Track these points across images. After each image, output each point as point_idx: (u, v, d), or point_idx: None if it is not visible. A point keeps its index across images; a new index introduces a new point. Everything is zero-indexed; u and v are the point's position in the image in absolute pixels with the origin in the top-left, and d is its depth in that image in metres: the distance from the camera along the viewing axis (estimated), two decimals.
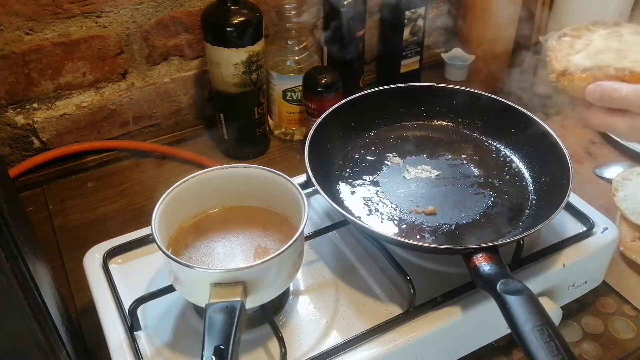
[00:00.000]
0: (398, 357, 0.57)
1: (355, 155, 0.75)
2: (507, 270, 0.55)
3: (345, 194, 0.69)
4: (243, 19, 0.82)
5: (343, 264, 0.65)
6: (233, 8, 0.82)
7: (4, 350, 0.41)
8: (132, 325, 0.57)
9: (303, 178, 0.72)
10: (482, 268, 0.55)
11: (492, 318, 0.57)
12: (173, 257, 0.51)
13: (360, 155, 0.75)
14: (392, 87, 0.77)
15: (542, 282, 0.63)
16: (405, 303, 0.59)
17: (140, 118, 0.98)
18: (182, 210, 0.60)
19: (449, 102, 0.78)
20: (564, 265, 0.64)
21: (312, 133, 0.69)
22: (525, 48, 1.17)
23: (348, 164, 0.73)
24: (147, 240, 0.66)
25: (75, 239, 0.80)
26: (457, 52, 1.12)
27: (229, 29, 0.81)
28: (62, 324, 0.52)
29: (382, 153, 0.75)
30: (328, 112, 0.72)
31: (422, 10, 1.03)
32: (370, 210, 0.67)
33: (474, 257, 0.56)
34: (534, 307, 0.50)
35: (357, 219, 0.63)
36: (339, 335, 0.57)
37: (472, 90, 0.77)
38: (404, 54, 1.06)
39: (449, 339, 0.60)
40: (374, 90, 0.77)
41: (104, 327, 0.58)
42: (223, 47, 0.83)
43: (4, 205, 0.43)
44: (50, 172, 0.92)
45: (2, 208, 0.41)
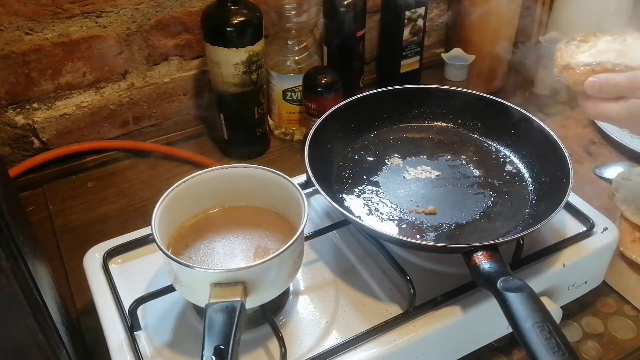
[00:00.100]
0: (398, 357, 0.57)
1: (355, 156, 0.75)
2: (507, 268, 0.55)
3: (345, 194, 0.69)
4: (243, 19, 0.82)
5: (343, 264, 0.65)
6: (233, 8, 0.82)
7: (4, 350, 0.41)
8: (132, 325, 0.57)
9: (303, 178, 0.72)
10: (482, 266, 0.55)
11: (492, 318, 0.58)
12: (173, 257, 0.51)
13: (360, 156, 0.75)
14: (392, 88, 0.77)
15: (542, 282, 0.63)
16: (405, 303, 0.59)
17: (140, 118, 0.98)
18: (182, 210, 0.60)
19: (449, 103, 0.78)
20: (564, 265, 0.64)
21: (312, 133, 0.69)
22: (526, 48, 1.17)
23: (348, 165, 0.73)
24: (147, 240, 0.66)
25: (75, 239, 0.80)
26: (457, 52, 1.12)
27: (229, 29, 0.81)
28: (62, 324, 0.52)
29: (382, 154, 0.75)
30: (328, 112, 0.72)
31: (422, 10, 1.03)
32: (370, 210, 0.67)
33: (474, 255, 0.56)
34: (535, 304, 0.50)
35: (357, 219, 0.63)
36: (339, 335, 0.57)
37: (471, 92, 0.77)
38: (404, 54, 1.06)
39: (449, 339, 0.60)
40: (374, 92, 0.77)
41: (104, 327, 0.58)
42: (223, 47, 0.83)
43: (4, 205, 0.43)
44: (50, 172, 0.92)
45: (2, 208, 0.41)
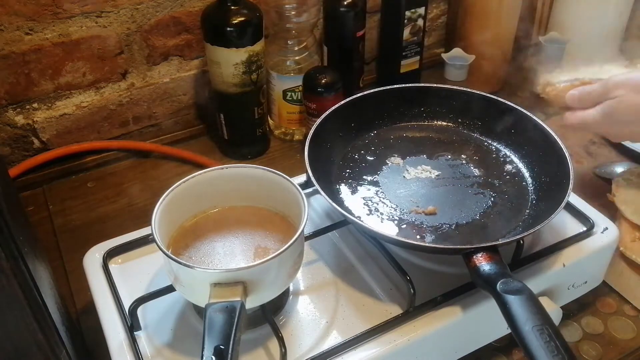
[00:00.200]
0: (398, 357, 0.57)
1: (355, 156, 0.75)
2: (507, 270, 0.55)
3: (345, 194, 0.69)
4: (243, 19, 0.82)
5: (343, 264, 0.65)
6: (233, 8, 0.82)
7: (4, 350, 0.41)
8: (132, 325, 0.57)
9: (303, 178, 0.72)
10: (482, 268, 0.55)
11: (492, 318, 0.57)
12: (173, 257, 0.51)
13: (360, 156, 0.75)
14: (392, 87, 0.77)
15: (542, 282, 0.63)
16: (405, 303, 0.59)
17: (140, 118, 0.98)
18: (182, 210, 0.60)
19: (449, 102, 0.78)
20: (564, 265, 0.64)
21: (312, 133, 0.69)
22: (526, 48, 1.17)
23: (348, 164, 0.73)
24: (147, 240, 0.66)
25: (75, 239, 0.80)
26: (457, 52, 1.12)
27: (229, 29, 0.81)
28: (62, 324, 0.52)
29: (382, 153, 0.75)
30: (328, 112, 0.72)
31: (422, 10, 1.03)
32: (370, 210, 0.67)
33: (474, 256, 0.56)
34: (534, 306, 0.50)
35: (357, 219, 0.63)
36: (339, 335, 0.57)
37: (472, 91, 0.77)
38: (404, 54, 1.06)
39: (449, 339, 0.60)
40: (374, 91, 0.77)
41: (104, 327, 0.58)
42: (223, 47, 0.83)
43: (4, 205, 0.43)
44: (50, 172, 0.92)
45: (2, 208, 0.41)
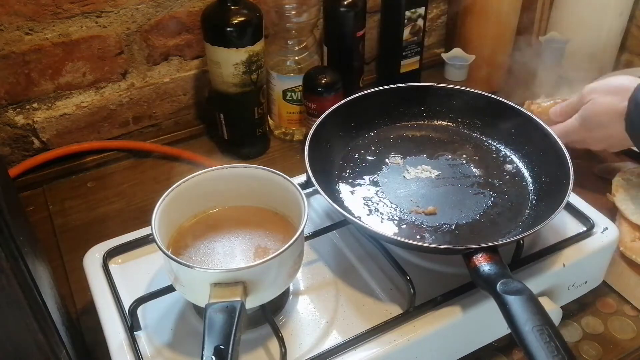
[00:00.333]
0: (398, 357, 0.57)
1: (355, 155, 0.75)
2: (507, 270, 0.55)
3: (345, 194, 0.69)
4: (243, 19, 0.82)
5: (343, 264, 0.65)
6: (233, 8, 0.82)
7: (4, 350, 0.41)
8: (132, 325, 0.57)
9: (303, 178, 0.72)
10: (482, 268, 0.55)
11: (492, 318, 0.57)
12: (173, 257, 0.51)
13: (360, 155, 0.75)
14: (392, 87, 0.77)
15: (542, 282, 0.63)
16: (405, 303, 0.59)
17: (140, 118, 0.98)
18: (182, 210, 0.60)
19: (449, 102, 0.78)
20: (564, 265, 0.64)
21: (312, 133, 0.69)
22: (525, 48, 1.17)
23: (348, 164, 0.73)
24: (147, 240, 0.66)
25: (75, 239, 0.80)
26: (457, 52, 1.12)
27: (229, 29, 0.81)
28: (62, 324, 0.52)
29: (382, 153, 0.75)
30: (328, 112, 0.72)
31: (422, 10, 1.03)
32: (370, 210, 0.67)
33: (474, 257, 0.56)
34: (534, 307, 0.50)
35: (357, 219, 0.63)
36: (339, 335, 0.57)
37: (472, 90, 0.77)
38: (404, 54, 1.06)
39: (449, 339, 0.60)
40: (374, 90, 0.77)
41: (104, 327, 0.58)
42: (223, 47, 0.83)
43: (4, 205, 0.43)
44: (50, 172, 0.92)
45: (2, 208, 0.41)
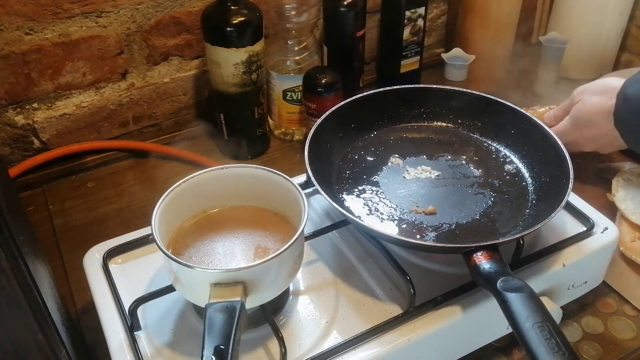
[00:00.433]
0: (398, 357, 0.57)
1: (355, 156, 0.75)
2: (507, 268, 0.55)
3: (345, 194, 0.69)
4: (243, 19, 0.82)
5: (343, 264, 0.65)
6: (233, 8, 0.82)
7: (4, 350, 0.41)
8: (132, 325, 0.57)
9: (303, 178, 0.72)
10: (482, 266, 0.55)
11: (492, 318, 0.58)
12: (173, 257, 0.51)
13: (360, 156, 0.75)
14: (392, 88, 0.77)
15: (542, 281, 0.63)
16: (405, 303, 0.59)
17: (140, 118, 0.98)
18: (182, 210, 0.60)
19: (449, 103, 0.78)
20: (564, 265, 0.64)
21: (312, 133, 0.69)
22: (526, 48, 1.17)
23: (348, 164, 0.73)
24: (147, 240, 0.66)
25: (75, 239, 0.80)
26: (457, 52, 1.12)
27: (229, 29, 0.81)
28: (62, 324, 0.52)
29: (382, 154, 0.75)
30: (328, 112, 0.72)
31: (422, 10, 1.03)
32: (370, 210, 0.67)
33: (474, 255, 0.56)
34: (535, 304, 0.50)
35: (357, 219, 0.63)
36: (339, 335, 0.57)
37: (471, 92, 0.77)
38: (404, 54, 1.06)
39: (449, 339, 0.60)
40: (374, 92, 0.77)
41: (104, 327, 0.58)
42: (223, 47, 0.83)
43: (4, 205, 0.43)
44: (50, 172, 0.92)
45: (2, 208, 0.41)
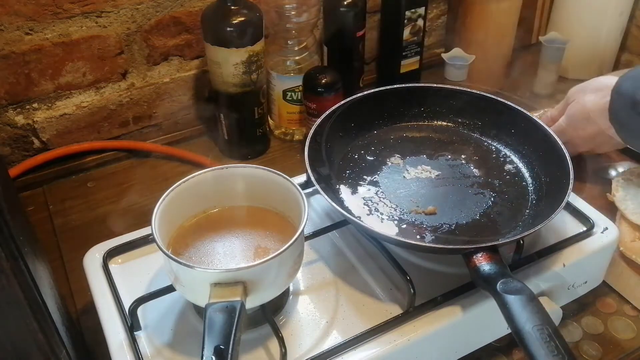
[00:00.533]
0: (398, 357, 0.57)
1: (355, 156, 0.75)
2: (507, 270, 0.55)
3: (345, 194, 0.69)
4: (243, 19, 0.82)
5: (343, 264, 0.65)
6: (233, 8, 0.82)
7: (4, 350, 0.41)
8: (132, 325, 0.57)
9: (303, 178, 0.72)
10: (482, 268, 0.55)
11: (492, 318, 0.58)
12: (173, 257, 0.51)
13: (360, 156, 0.75)
14: (392, 87, 0.77)
15: (542, 282, 0.63)
16: (405, 303, 0.59)
17: (140, 118, 0.98)
18: (182, 210, 0.60)
19: (449, 102, 0.78)
20: (564, 265, 0.64)
21: (312, 133, 0.69)
22: (525, 48, 1.17)
23: (348, 164, 0.73)
24: (147, 240, 0.66)
25: (75, 239, 0.80)
26: (457, 52, 1.12)
27: (229, 29, 0.81)
28: (62, 324, 0.52)
29: (382, 153, 0.75)
30: (328, 112, 0.72)
31: (422, 10, 1.03)
32: (370, 210, 0.67)
33: (474, 256, 0.56)
34: (534, 306, 0.50)
35: (357, 219, 0.63)
36: (339, 335, 0.57)
37: (472, 91, 0.77)
38: (404, 54, 1.06)
39: (449, 339, 0.60)
40: (374, 91, 0.77)
41: (104, 327, 0.58)
42: (223, 47, 0.83)
43: (4, 205, 0.43)
44: (50, 172, 0.92)
45: (2, 208, 0.41)
